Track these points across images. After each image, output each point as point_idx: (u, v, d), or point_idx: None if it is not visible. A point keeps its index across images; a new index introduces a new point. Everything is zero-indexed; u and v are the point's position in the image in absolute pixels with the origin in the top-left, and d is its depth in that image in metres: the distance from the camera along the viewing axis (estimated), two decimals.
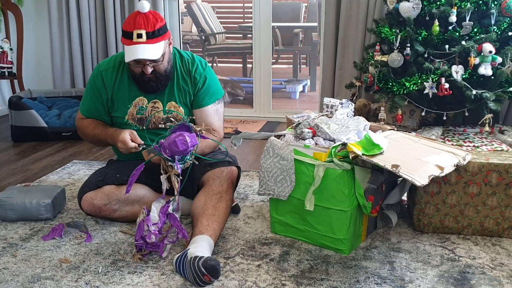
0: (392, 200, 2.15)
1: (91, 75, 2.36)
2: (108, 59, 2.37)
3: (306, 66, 7.15)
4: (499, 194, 2.09)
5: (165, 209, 1.94)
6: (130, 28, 2.10)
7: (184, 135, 1.93)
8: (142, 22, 2.09)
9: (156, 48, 2.11)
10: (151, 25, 2.09)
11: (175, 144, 1.92)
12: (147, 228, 1.92)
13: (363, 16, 3.87)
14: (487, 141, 3.08)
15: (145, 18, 2.10)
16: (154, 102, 2.30)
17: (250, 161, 3.28)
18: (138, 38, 2.08)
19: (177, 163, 1.96)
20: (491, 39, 3.00)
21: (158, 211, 1.95)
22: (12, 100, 3.73)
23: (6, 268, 1.92)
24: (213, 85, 2.36)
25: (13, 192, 2.36)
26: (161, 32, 2.13)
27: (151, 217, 1.93)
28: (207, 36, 6.44)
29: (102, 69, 2.31)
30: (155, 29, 2.10)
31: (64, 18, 4.53)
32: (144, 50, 2.09)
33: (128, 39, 2.10)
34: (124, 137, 2.12)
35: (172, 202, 1.97)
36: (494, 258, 1.98)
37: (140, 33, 2.08)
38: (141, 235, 1.92)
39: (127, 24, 2.11)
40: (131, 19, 2.11)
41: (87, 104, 2.36)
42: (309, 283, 1.80)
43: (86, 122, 2.36)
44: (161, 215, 1.94)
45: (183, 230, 1.96)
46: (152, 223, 1.92)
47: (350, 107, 2.72)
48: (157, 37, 2.11)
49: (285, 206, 2.12)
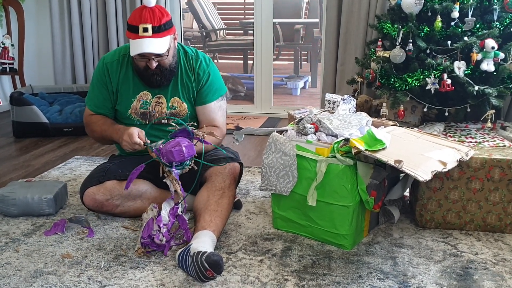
0: (395, 195, 2.15)
1: (96, 69, 2.34)
2: (112, 52, 2.36)
3: (307, 62, 7.14)
4: (502, 190, 2.09)
5: (175, 211, 1.96)
6: (136, 22, 2.09)
7: (182, 145, 1.93)
8: (149, 16, 2.08)
9: (161, 43, 2.11)
10: (157, 20, 2.09)
11: (172, 154, 1.93)
12: (157, 228, 1.92)
13: (365, 11, 3.87)
14: (489, 137, 3.08)
15: (151, 12, 2.09)
16: (158, 97, 2.30)
17: (251, 157, 3.28)
18: (144, 32, 2.08)
19: (174, 169, 1.97)
20: (494, 35, 2.99)
21: (168, 212, 1.95)
22: (13, 96, 3.73)
23: (9, 263, 1.92)
24: (216, 81, 2.36)
25: (15, 187, 2.36)
26: (167, 26, 2.12)
27: (162, 217, 1.93)
28: (208, 32, 6.43)
29: (107, 62, 2.30)
30: (161, 23, 2.09)
31: (65, 13, 4.52)
32: (149, 44, 2.09)
33: (134, 33, 2.09)
34: (132, 131, 2.10)
35: (181, 204, 1.97)
36: (496, 254, 1.98)
37: (146, 27, 2.08)
38: (149, 234, 1.92)
39: (133, 18, 2.10)
40: (137, 13, 2.10)
41: (94, 99, 2.34)
42: (311, 278, 1.80)
43: (95, 118, 2.34)
44: (170, 216, 1.95)
45: (188, 233, 1.97)
46: (163, 224, 1.92)
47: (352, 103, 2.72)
48: (163, 31, 2.10)
49: (287, 201, 2.12)
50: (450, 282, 1.78)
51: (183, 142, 1.95)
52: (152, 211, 1.96)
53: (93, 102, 2.35)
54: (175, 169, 1.97)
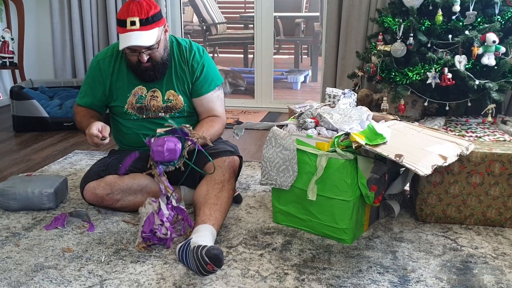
0: (395, 190, 2.15)
1: (89, 66, 2.37)
2: (105, 49, 2.38)
3: (307, 56, 7.13)
4: (502, 184, 2.09)
5: (170, 206, 1.97)
6: (124, 16, 2.09)
7: (165, 147, 1.95)
8: (136, 9, 2.08)
9: (149, 35, 2.10)
10: (144, 12, 2.09)
11: (152, 152, 1.97)
12: (159, 222, 1.92)
13: (366, 5, 3.85)
14: (490, 131, 3.07)
15: (139, 6, 2.09)
16: (153, 91, 2.30)
17: (251, 152, 3.28)
18: (132, 26, 2.08)
19: (159, 166, 1.99)
20: (495, 29, 2.98)
21: (166, 206, 1.96)
22: (13, 90, 3.72)
23: (9, 257, 1.92)
24: (211, 72, 2.35)
25: (15, 181, 2.36)
26: (155, 19, 2.12)
27: (164, 212, 1.94)
28: (208, 26, 6.42)
29: (100, 59, 2.31)
30: (149, 16, 2.09)
31: (65, 8, 4.51)
32: (137, 37, 2.09)
33: (122, 27, 2.10)
34: (94, 124, 2.10)
35: (172, 197, 1.98)
36: (496, 248, 1.98)
37: (133, 21, 2.08)
38: (151, 228, 1.93)
39: (121, 12, 2.11)
40: (125, 7, 2.11)
41: (83, 94, 2.39)
42: (311, 272, 1.80)
43: (79, 109, 2.39)
44: (170, 210, 1.96)
45: (189, 220, 1.98)
46: (166, 217, 1.94)
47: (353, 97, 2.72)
48: (150, 23, 2.10)
49: (287, 196, 2.12)
50: (450, 276, 1.78)
51: (170, 144, 1.97)
52: (151, 205, 1.96)
53: (81, 95, 2.40)
54: (160, 165, 1.99)
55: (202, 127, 2.25)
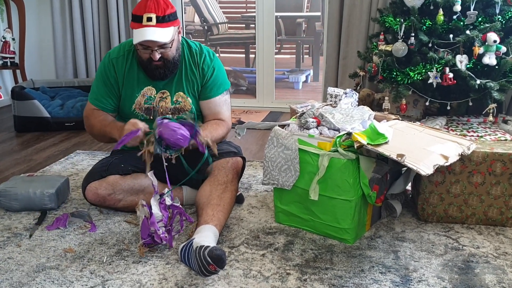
0: (397, 190, 2.15)
1: (101, 65, 2.33)
2: (117, 47, 2.35)
3: (309, 56, 7.13)
4: (503, 184, 2.09)
5: (164, 206, 1.93)
6: (140, 12, 2.10)
7: (180, 131, 1.93)
8: (153, 6, 2.10)
9: (165, 32, 2.11)
10: (161, 10, 2.10)
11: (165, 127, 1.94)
12: (154, 229, 1.89)
13: (367, 5, 3.85)
14: (491, 131, 3.07)
15: (156, 3, 2.11)
16: (162, 92, 2.29)
17: (253, 151, 3.28)
18: (148, 22, 2.09)
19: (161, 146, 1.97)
20: (496, 29, 2.98)
21: (158, 208, 1.92)
22: (14, 90, 3.72)
23: (11, 257, 1.92)
24: (221, 76, 2.36)
25: (17, 182, 2.36)
26: (171, 18, 2.13)
27: (155, 215, 1.89)
28: (210, 26, 6.41)
29: (113, 57, 2.30)
30: (166, 14, 2.11)
31: (66, 8, 4.52)
32: (153, 32, 2.09)
33: (138, 22, 2.10)
34: (135, 120, 2.10)
35: (167, 194, 1.95)
36: (498, 247, 1.98)
37: (150, 17, 2.08)
38: (148, 234, 1.91)
39: (138, 8, 2.12)
40: (142, 3, 2.12)
41: (96, 93, 2.33)
42: (313, 272, 1.80)
43: (96, 113, 2.32)
44: (162, 211, 1.92)
45: (186, 215, 1.96)
46: (157, 221, 1.90)
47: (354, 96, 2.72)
48: (167, 22, 2.11)
49: (289, 195, 2.12)
50: (452, 276, 1.78)
51: (184, 131, 1.95)
52: (143, 208, 1.91)
53: (95, 96, 2.33)
54: (159, 146, 1.97)
55: (206, 128, 2.24)
